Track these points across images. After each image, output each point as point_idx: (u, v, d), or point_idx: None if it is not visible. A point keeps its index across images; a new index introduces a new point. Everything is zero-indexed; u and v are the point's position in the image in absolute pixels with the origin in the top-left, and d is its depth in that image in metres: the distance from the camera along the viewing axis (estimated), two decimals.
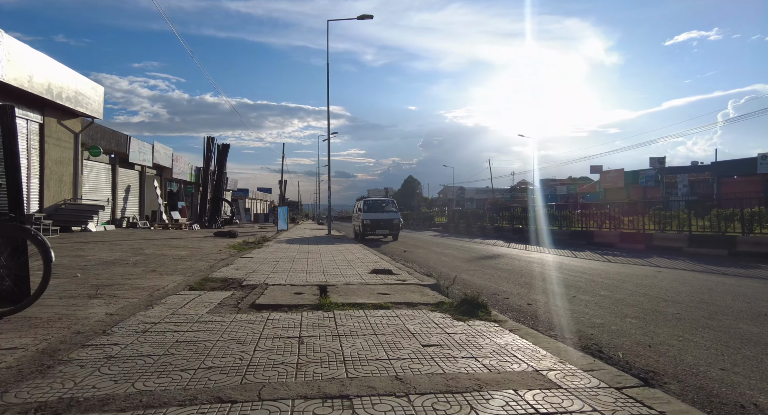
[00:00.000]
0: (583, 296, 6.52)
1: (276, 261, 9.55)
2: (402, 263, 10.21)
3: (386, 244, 18.83)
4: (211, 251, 11.19)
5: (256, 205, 61.26)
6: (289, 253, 11.66)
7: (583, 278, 8.26)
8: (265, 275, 7.40)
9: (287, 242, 16.20)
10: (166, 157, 25.42)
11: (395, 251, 14.75)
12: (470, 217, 28.95)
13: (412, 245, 17.78)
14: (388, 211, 21.72)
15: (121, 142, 19.92)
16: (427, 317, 4.39)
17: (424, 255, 13.57)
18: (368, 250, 13.63)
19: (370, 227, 20.77)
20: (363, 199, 22.54)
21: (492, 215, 25.81)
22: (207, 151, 32.01)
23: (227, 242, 13.97)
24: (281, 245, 14.47)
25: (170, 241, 13.71)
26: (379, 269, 8.17)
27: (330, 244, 15.89)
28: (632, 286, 7.48)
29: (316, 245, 14.89)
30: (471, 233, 26.62)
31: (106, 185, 19.82)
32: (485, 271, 9.63)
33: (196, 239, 14.91)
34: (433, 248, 16.27)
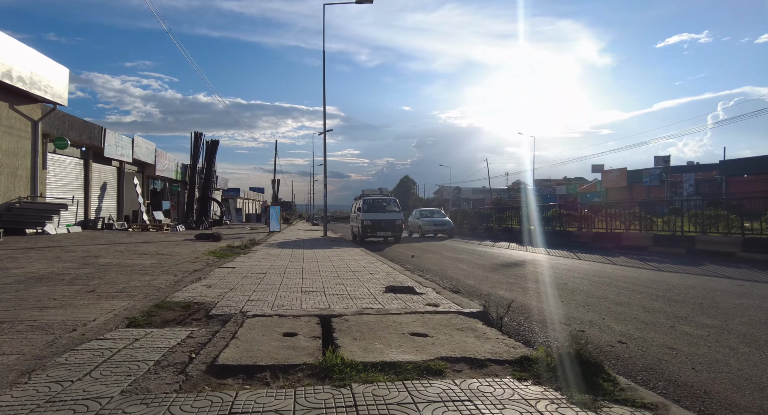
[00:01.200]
0: (690, 328, 4.62)
1: (262, 273, 7.56)
2: (419, 274, 8.26)
3: (389, 247, 16.88)
4: (184, 258, 9.15)
5: (248, 206, 59.02)
6: (279, 261, 9.67)
7: (664, 294, 6.38)
8: (245, 295, 5.42)
9: (278, 246, 14.19)
10: (148, 153, 23.29)
11: (402, 257, 12.82)
12: (475, 217, 27.07)
13: (418, 249, 15.85)
14: (390, 211, 19.77)
15: (94, 134, 17.79)
16: (528, 406, 2.41)
17: (436, 261, 11.64)
18: (372, 255, 11.68)
19: (371, 229, 18.82)
20: (362, 198, 20.57)
21: (499, 215, 23.96)
22: (194, 147, 29.85)
23: (208, 247, 11.94)
24: (271, 250, 12.46)
25: (140, 246, 11.65)
26: (397, 286, 6.21)
27: (327, 248, 13.92)
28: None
29: (312, 250, 12.91)
30: (477, 234, 24.74)
31: (77, 182, 17.68)
32: (522, 284, 7.72)
33: (172, 244, 12.85)
34: (444, 253, 14.35)
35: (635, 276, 8.48)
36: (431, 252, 14.56)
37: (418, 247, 16.71)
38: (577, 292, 6.82)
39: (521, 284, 7.71)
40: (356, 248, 14.14)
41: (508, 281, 8.12)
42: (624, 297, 6.37)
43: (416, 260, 12.01)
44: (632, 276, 8.49)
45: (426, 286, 6.59)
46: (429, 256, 13.19)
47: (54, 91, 13.09)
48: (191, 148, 29.76)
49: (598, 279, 8.13)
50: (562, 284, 7.57)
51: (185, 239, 14.36)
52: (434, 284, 7.02)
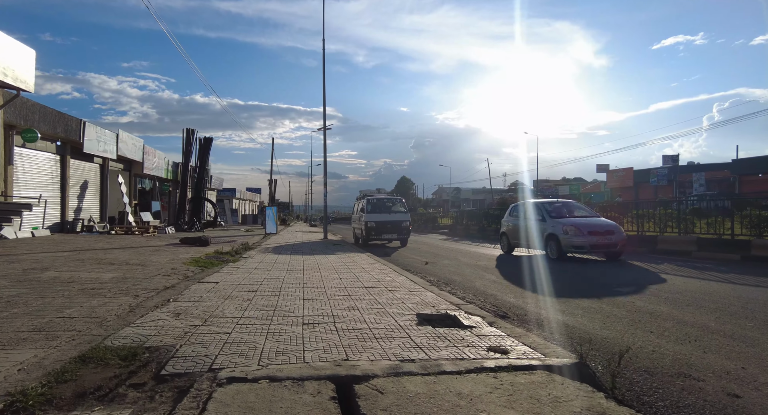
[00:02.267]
0: None
1: (252, 290, 5.89)
2: (449, 291, 6.61)
3: (396, 250, 15.24)
4: (158, 270, 7.47)
5: (244, 206, 57.22)
6: (275, 271, 7.99)
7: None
8: (223, 332, 3.76)
9: (274, 251, 12.51)
10: (135, 150, 21.54)
11: (414, 263, 11.17)
12: (482, 218, 25.45)
13: (428, 254, 14.20)
14: (396, 211, 18.11)
15: (71, 127, 16.05)
16: None
17: (455, 269, 10.00)
18: (382, 263, 10.03)
19: (375, 231, 17.16)
20: (366, 197, 18.90)
21: None
22: (186, 145, 28.09)
23: (192, 253, 10.25)
24: (266, 257, 10.78)
25: (111, 253, 9.94)
26: (433, 315, 4.56)
27: (329, 253, 12.26)
28: None
29: (313, 256, 11.24)
30: (486, 236, 23.11)
31: (51, 180, 15.93)
32: (581, 304, 6.09)
33: (150, 250, 11.16)
34: (460, 258, 12.72)
35: (715, 291, 6.86)
36: (445, 257, 12.91)
37: (427, 252, 15.05)
38: (657, 316, 5.19)
39: (586, 305, 6.07)
40: (362, 254, 12.48)
41: (563, 299, 6.47)
42: (731, 326, 4.74)
43: (432, 267, 10.36)
44: (713, 291, 6.86)
45: (466, 309, 4.95)
46: (444, 262, 11.56)
47: (16, 74, 11.39)
48: (183, 145, 28.03)
49: (670, 295, 6.50)
50: (633, 305, 5.94)
51: (168, 244, 12.65)
52: (473, 306, 5.38)
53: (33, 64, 12.31)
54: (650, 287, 7.36)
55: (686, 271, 9.49)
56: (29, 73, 12.12)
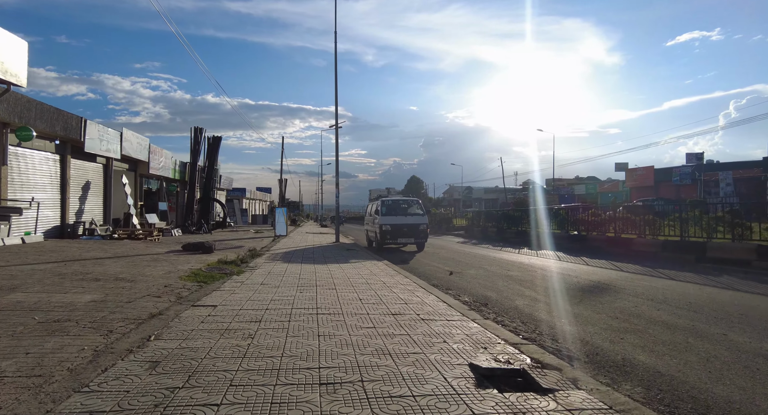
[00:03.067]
0: None
1: (256, 319, 4.77)
2: (494, 320, 5.43)
3: (413, 256, 14.07)
4: (148, 288, 6.39)
5: (254, 206, 56.44)
6: (284, 289, 6.87)
7: None
8: (210, 404, 2.63)
9: (284, 259, 11.43)
10: (141, 149, 20.63)
11: (437, 273, 10.00)
12: (502, 220, 24.14)
13: (450, 261, 13.02)
14: (413, 214, 16.94)
15: (71, 125, 15.14)
16: None
17: (486, 282, 8.82)
18: (402, 274, 8.88)
19: (391, 235, 16.01)
20: (380, 198, 17.76)
21: (527, 218, 20.99)
22: (194, 144, 27.23)
23: (193, 263, 9.19)
24: (275, 267, 9.69)
25: (101, 263, 8.92)
26: (494, 369, 3.39)
27: (343, 261, 11.13)
28: None
29: (325, 265, 10.13)
30: (506, 239, 21.83)
31: (50, 181, 15.04)
32: (679, 340, 4.88)
33: (147, 259, 10.13)
34: (486, 267, 11.52)
35: None
36: (469, 265, 11.72)
37: (448, 258, 13.85)
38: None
39: (668, 338, 4.83)
40: (378, 262, 11.35)
41: (634, 327, 5.24)
42: None
43: (458, 279, 9.18)
44: None
45: (529, 353, 3.78)
46: (471, 273, 10.37)
47: (5, 67, 10.44)
48: (191, 144, 27.19)
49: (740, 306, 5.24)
50: (751, 346, 4.71)
51: (169, 251, 11.63)
52: (535, 346, 4.22)
53: (25, 56, 11.37)
54: (716, 306, 6.09)
55: (744, 283, 8.17)
56: (21, 67, 11.18)
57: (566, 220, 18.81)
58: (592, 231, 16.99)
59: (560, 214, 19.71)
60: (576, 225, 18.09)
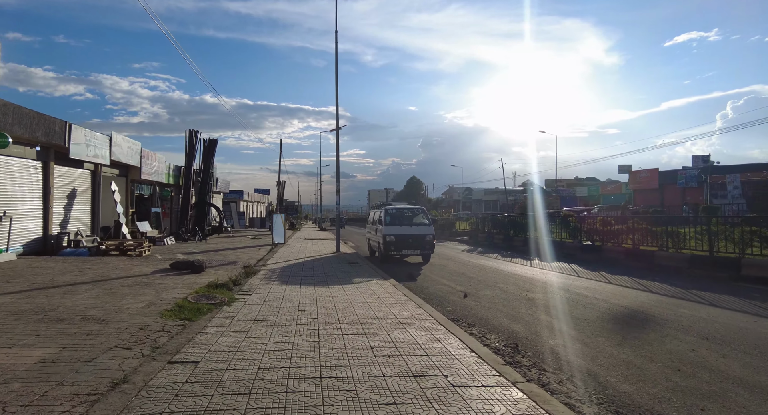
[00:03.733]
0: None
1: (244, 392, 3.73)
2: (537, 380, 4.42)
3: (419, 270, 13.06)
4: (118, 334, 5.35)
5: (252, 209, 55.36)
6: (280, 329, 5.85)
7: None
8: None
9: (281, 279, 10.41)
10: (132, 154, 19.55)
11: (450, 296, 9.00)
12: (508, 226, 23.15)
13: (459, 276, 12.02)
14: (418, 223, 15.95)
15: (54, 130, 14.07)
16: None
17: (507, 310, 7.82)
18: (416, 303, 7.88)
19: (395, 246, 15.02)
20: (384, 207, 16.75)
21: (553, 226, 19.99)
22: (189, 147, 26.18)
23: (179, 290, 8.15)
24: (271, 292, 8.67)
25: (73, 293, 7.86)
26: None
27: (346, 280, 10.10)
28: None
29: (327, 288, 9.10)
30: (513, 247, 20.84)
31: (31, 190, 13.96)
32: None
33: (129, 284, 9.09)
34: (502, 285, 10.53)
35: None
36: (483, 283, 10.72)
37: (457, 272, 12.85)
38: None
39: (765, 411, 3.82)
40: (384, 281, 10.35)
41: (708, 387, 4.23)
42: None
43: (475, 304, 8.19)
44: None
45: None
46: (487, 294, 9.38)
47: None
48: (186, 147, 26.15)
49: None
50: None
51: (154, 272, 10.57)
52: None
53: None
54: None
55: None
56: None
57: (578, 228, 17.84)
58: (607, 241, 16.02)
59: (571, 222, 18.73)
60: (590, 235, 17.11)
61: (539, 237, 19.46)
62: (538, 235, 19.81)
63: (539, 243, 18.83)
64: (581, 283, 10.95)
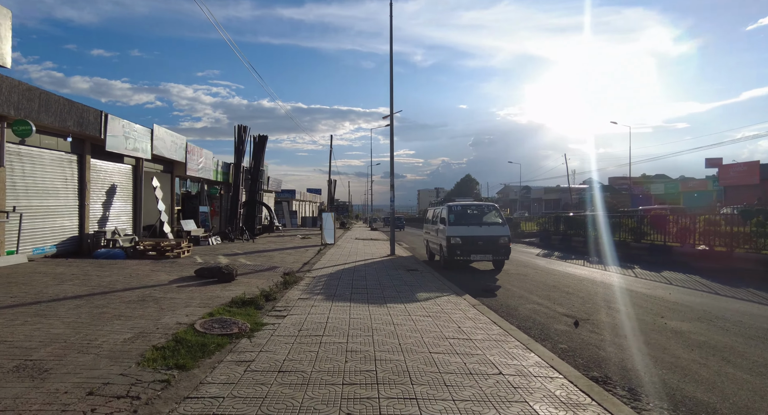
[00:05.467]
0: None
1: None
2: None
3: (494, 280, 10.37)
4: (50, 404, 3.24)
5: (304, 208, 54.52)
6: (317, 391, 3.51)
7: None
8: None
9: (326, 293, 8.16)
10: (176, 148, 18.33)
11: (554, 323, 6.30)
12: (590, 227, 19.66)
13: (551, 289, 9.22)
14: (490, 223, 13.22)
15: (87, 120, 12.81)
16: None
17: (658, 352, 5.05)
18: (514, 337, 5.30)
19: (461, 250, 12.40)
20: (447, 203, 14.13)
21: (643, 227, 16.49)
22: (238, 143, 24.93)
23: (190, 309, 6.10)
24: (311, 314, 6.41)
25: (50, 312, 6.00)
26: None
27: (408, 295, 7.67)
28: None
29: (385, 307, 6.71)
30: (600, 253, 17.47)
31: (66, 185, 12.77)
32: None
33: (129, 300, 7.19)
34: (617, 306, 7.65)
35: None
36: (590, 303, 7.86)
37: (544, 284, 10.01)
38: None
39: None
40: (458, 298, 7.82)
41: None
42: None
43: (597, 339, 5.46)
44: None
45: None
46: (606, 321, 6.59)
47: None
48: (235, 144, 24.94)
49: None
50: None
51: (174, 280, 8.67)
52: None
53: (8, 32, 8.90)
54: None
55: None
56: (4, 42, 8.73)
57: (689, 231, 14.27)
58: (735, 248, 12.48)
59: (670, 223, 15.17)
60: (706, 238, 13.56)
61: (630, 241, 16.00)
62: (624, 237, 16.33)
63: (630, 247, 15.41)
64: (740, 306, 7.81)
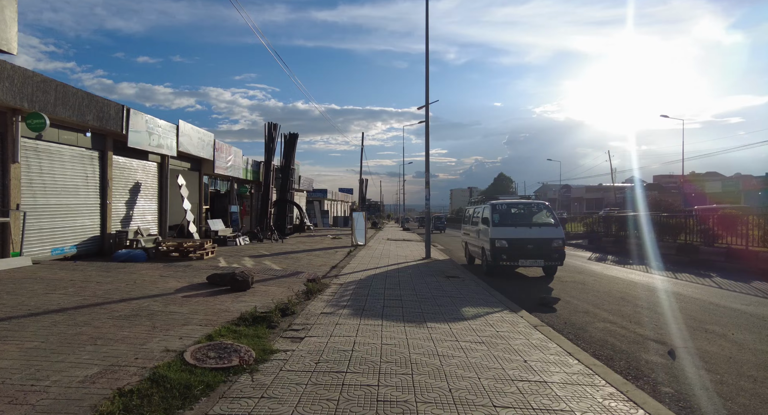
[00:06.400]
0: None
1: None
2: None
3: (548, 290, 8.83)
4: None
5: (335, 207, 53.86)
6: None
7: None
8: None
9: (354, 306, 6.93)
10: (203, 145, 17.68)
11: (640, 352, 4.77)
12: (652, 227, 17.53)
13: (616, 301, 7.62)
14: (540, 224, 11.65)
15: (108, 114, 12.17)
16: None
17: None
18: (601, 378, 3.85)
19: (508, 255, 10.90)
20: (490, 202, 12.59)
21: (715, 228, 14.41)
22: (269, 140, 24.20)
23: (188, 328, 5.00)
24: (333, 336, 5.18)
25: (9, 335, 5.07)
26: None
27: (451, 310, 6.32)
28: None
29: (425, 327, 5.38)
30: (663, 257, 15.43)
31: (86, 182, 12.19)
32: None
33: (117, 316, 6.18)
34: (713, 327, 6.02)
35: None
36: (670, 320, 6.25)
37: (608, 294, 8.38)
38: None
39: None
40: (513, 314, 6.41)
41: None
42: None
43: (709, 378, 3.93)
44: None
45: None
46: (710, 350, 5.02)
47: None
48: (265, 141, 24.22)
49: None
50: None
51: (181, 289, 7.69)
52: None
53: (14, 16, 8.18)
54: None
55: None
56: (10, 27, 8.02)
57: None
58: None
59: None
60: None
61: (693, 243, 13.94)
62: (691, 240, 14.25)
63: (699, 251, 13.37)
64: None
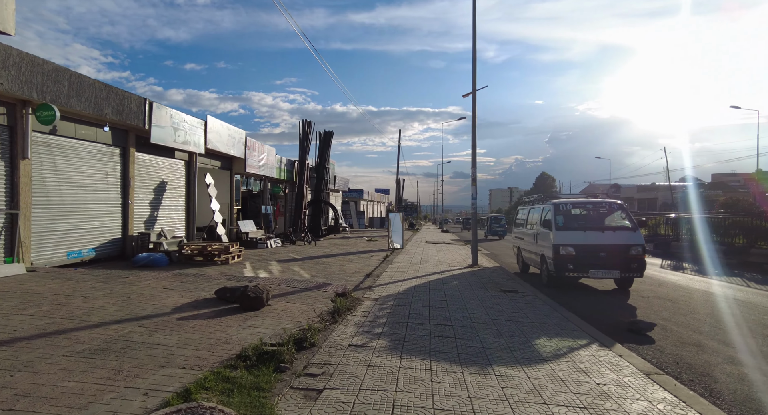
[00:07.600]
0: None
1: None
2: None
3: (628, 307, 6.95)
4: None
5: (371, 208, 52.61)
6: None
7: None
8: None
9: (390, 335, 5.38)
10: (233, 143, 16.75)
11: None
12: (724, 232, 14.94)
13: (724, 326, 5.67)
14: (614, 227, 9.70)
15: (128, 107, 11.30)
16: None
17: None
18: None
19: (575, 264, 9.05)
20: (552, 201, 10.69)
21: None
22: (303, 139, 23.16)
23: (166, 373, 3.64)
24: (367, 384, 3.65)
25: None
26: None
27: (525, 348, 4.64)
28: None
29: (493, 381, 3.77)
30: (759, 266, 12.92)
31: (105, 181, 11.37)
32: None
33: (74, 351, 4.89)
34: None
35: None
36: None
37: (710, 316, 6.39)
38: None
39: None
40: (605, 351, 4.68)
41: None
42: None
43: None
44: None
45: None
46: None
47: None
48: (300, 139, 23.21)
49: None
50: None
51: (181, 306, 6.39)
52: None
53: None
54: None
55: None
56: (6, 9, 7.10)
57: None
58: None
59: None
60: None
61: None
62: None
63: None
64: None
